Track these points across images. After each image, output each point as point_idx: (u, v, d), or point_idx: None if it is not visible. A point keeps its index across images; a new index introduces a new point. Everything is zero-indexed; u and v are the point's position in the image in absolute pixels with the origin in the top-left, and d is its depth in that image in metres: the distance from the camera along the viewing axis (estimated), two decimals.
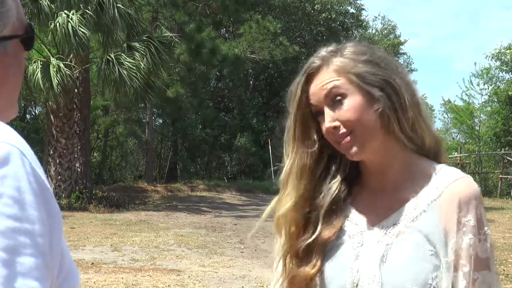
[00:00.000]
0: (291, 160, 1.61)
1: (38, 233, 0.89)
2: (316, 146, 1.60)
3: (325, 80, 1.54)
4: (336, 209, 1.60)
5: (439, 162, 1.59)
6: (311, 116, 1.58)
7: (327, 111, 1.53)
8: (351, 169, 1.62)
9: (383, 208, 1.56)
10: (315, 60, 1.57)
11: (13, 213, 0.87)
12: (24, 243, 0.87)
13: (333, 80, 1.52)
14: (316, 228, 1.59)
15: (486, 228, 1.47)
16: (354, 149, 1.52)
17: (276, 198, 1.67)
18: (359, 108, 1.50)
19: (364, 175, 1.62)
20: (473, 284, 1.44)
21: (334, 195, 1.60)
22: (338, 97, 1.52)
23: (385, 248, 1.52)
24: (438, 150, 1.60)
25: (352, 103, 1.50)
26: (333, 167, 1.62)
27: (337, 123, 1.51)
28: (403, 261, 1.49)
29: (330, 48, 1.58)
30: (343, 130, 1.51)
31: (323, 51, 1.58)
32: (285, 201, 1.63)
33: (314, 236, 1.58)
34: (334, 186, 1.61)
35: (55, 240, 0.93)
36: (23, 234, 0.87)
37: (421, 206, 1.52)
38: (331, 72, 1.54)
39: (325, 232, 1.58)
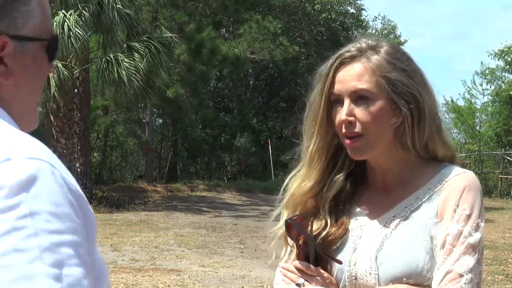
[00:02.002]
0: (316, 141, 1.59)
1: (78, 243, 0.91)
2: (332, 133, 1.58)
3: (357, 75, 1.52)
4: (343, 208, 1.61)
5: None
6: (328, 101, 1.56)
7: (347, 103, 1.51)
8: (358, 168, 1.62)
9: (385, 205, 1.57)
10: (351, 49, 1.55)
11: (55, 228, 0.89)
12: (69, 255, 0.89)
13: (364, 82, 1.50)
14: (326, 223, 1.59)
15: (479, 220, 1.47)
16: (359, 150, 1.52)
17: (293, 176, 1.66)
18: (381, 115, 1.50)
19: (369, 174, 1.62)
20: (452, 263, 1.43)
21: (337, 189, 1.60)
22: (364, 96, 1.51)
23: (382, 239, 1.53)
24: (451, 161, 1.60)
25: (375, 108, 1.50)
26: (339, 161, 1.61)
27: (352, 119, 1.50)
28: (396, 250, 1.50)
29: (370, 41, 1.56)
30: (358, 128, 1.50)
31: (362, 43, 1.56)
32: (301, 180, 1.62)
33: (324, 233, 1.58)
34: (338, 180, 1.60)
35: (91, 245, 0.96)
36: (66, 246, 0.89)
37: (422, 198, 1.53)
38: (365, 68, 1.52)
39: (333, 229, 1.58)
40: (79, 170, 17.58)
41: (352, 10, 37.05)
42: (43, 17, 1.09)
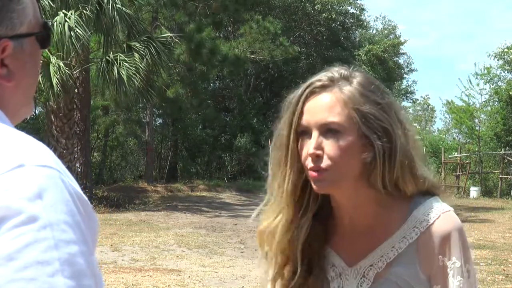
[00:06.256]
0: (285, 175, 1.48)
1: (89, 252, 0.91)
2: (300, 167, 1.47)
3: (328, 106, 1.42)
4: (318, 255, 1.54)
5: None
6: (296, 133, 1.46)
7: (315, 136, 1.42)
8: (324, 203, 1.53)
9: (359, 249, 1.51)
10: (323, 78, 1.46)
11: (70, 238, 0.89)
12: (83, 265, 0.89)
13: (335, 115, 1.41)
14: (296, 269, 1.52)
15: (469, 266, 1.44)
16: (325, 184, 1.43)
17: (261, 209, 1.59)
18: (351, 149, 1.41)
19: (335, 212, 1.54)
20: None
21: (308, 231, 1.51)
22: (333, 130, 1.42)
23: None
24: (430, 191, 1.51)
25: (345, 143, 1.41)
26: (306, 197, 1.51)
27: (320, 152, 1.41)
28: None
29: (342, 71, 1.47)
30: (326, 162, 1.41)
31: (334, 72, 1.47)
32: (270, 215, 1.55)
33: (294, 281, 1.52)
34: (307, 220, 1.51)
35: (94, 253, 0.96)
36: (80, 256, 0.89)
37: (398, 248, 1.46)
38: (337, 99, 1.43)
39: (311, 282, 1.52)
40: (79, 170, 17.58)
41: (352, 10, 37.07)
42: (34, 10, 1.08)
